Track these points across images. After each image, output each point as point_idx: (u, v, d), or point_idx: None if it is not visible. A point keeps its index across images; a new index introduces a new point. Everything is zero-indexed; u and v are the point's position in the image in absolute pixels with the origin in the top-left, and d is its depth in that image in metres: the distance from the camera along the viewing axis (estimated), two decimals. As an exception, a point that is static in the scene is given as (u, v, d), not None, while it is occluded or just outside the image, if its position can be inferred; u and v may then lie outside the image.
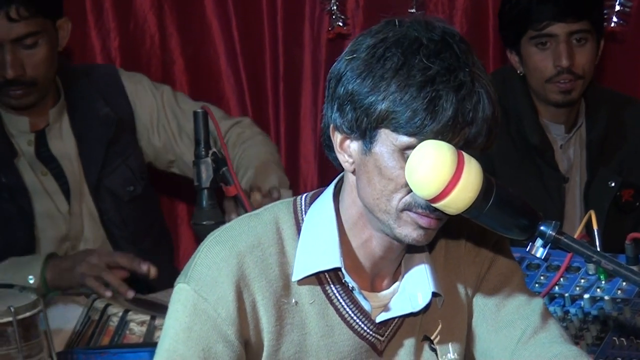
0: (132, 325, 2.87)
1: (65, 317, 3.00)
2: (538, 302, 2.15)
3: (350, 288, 2.05)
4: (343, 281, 2.05)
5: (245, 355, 2.03)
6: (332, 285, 2.05)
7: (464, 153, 1.93)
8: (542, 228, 1.96)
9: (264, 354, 2.04)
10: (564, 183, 3.56)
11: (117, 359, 2.61)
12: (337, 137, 2.01)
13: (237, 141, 3.57)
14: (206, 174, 2.77)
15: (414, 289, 2.07)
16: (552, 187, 3.52)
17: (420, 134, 1.91)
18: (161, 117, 3.57)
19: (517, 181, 3.40)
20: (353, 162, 2.00)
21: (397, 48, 1.93)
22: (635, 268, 2.55)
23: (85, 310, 2.97)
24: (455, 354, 2.12)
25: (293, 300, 2.04)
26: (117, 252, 3.30)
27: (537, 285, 2.70)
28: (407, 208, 1.96)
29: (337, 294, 2.06)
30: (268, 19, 4.05)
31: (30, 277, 3.18)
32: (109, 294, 3.04)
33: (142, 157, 3.57)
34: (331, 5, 3.97)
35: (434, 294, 2.07)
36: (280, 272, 2.03)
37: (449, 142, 1.91)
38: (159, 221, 3.70)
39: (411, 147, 1.92)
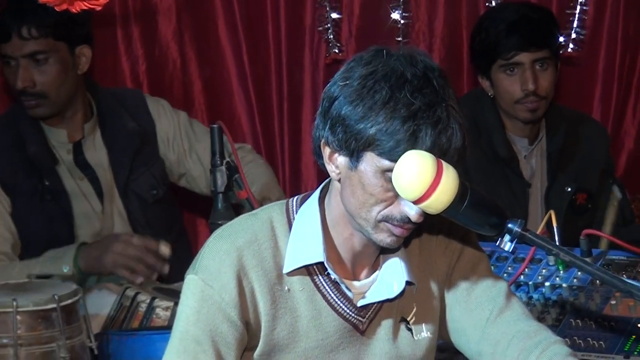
0: (158, 310, 2.86)
1: (101, 304, 2.98)
2: (502, 285, 2.16)
3: (333, 279, 2.06)
4: (327, 273, 2.06)
5: (247, 334, 2.05)
6: (319, 276, 2.07)
7: (442, 161, 1.94)
8: (509, 225, 1.97)
9: (262, 333, 2.05)
10: (528, 188, 3.56)
11: (145, 339, 2.60)
12: (326, 150, 2.02)
13: (240, 162, 3.58)
14: (221, 180, 2.78)
15: (391, 278, 2.09)
16: (517, 191, 3.53)
17: None
18: (176, 136, 3.56)
19: (488, 186, 3.40)
20: (339, 173, 2.02)
21: (385, 82, 1.94)
22: (588, 260, 2.57)
23: (118, 297, 2.96)
24: (428, 333, 2.14)
25: (286, 288, 2.06)
26: (136, 235, 3.27)
27: (505, 274, 2.71)
28: (384, 219, 1.99)
29: (323, 283, 2.07)
30: (274, 47, 4.04)
31: (65, 267, 3.18)
32: (139, 280, 3.05)
33: (163, 166, 3.56)
34: (328, 35, 3.98)
35: (408, 283, 2.09)
36: (274, 263, 2.05)
37: None
38: (178, 221, 3.69)
39: (391, 170, 1.93)
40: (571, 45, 4.04)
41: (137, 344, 2.60)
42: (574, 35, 4.02)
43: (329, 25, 3.98)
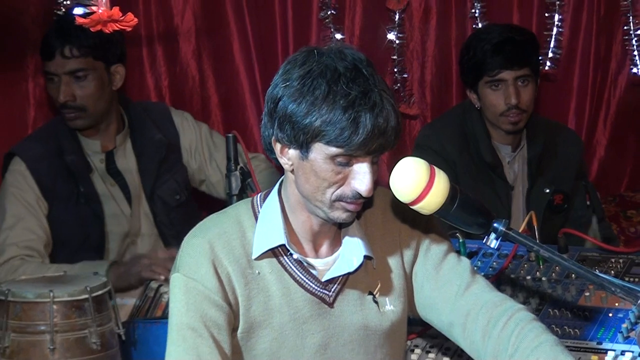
0: (178, 300, 2.86)
1: (128, 295, 3.00)
2: (466, 262, 2.18)
3: (296, 258, 2.09)
4: (290, 253, 2.09)
5: (232, 314, 2.07)
6: (284, 257, 2.10)
7: (435, 167, 1.94)
8: (495, 225, 1.97)
9: (240, 313, 2.07)
10: (511, 190, 3.55)
11: (167, 327, 2.60)
12: (277, 146, 2.05)
13: (255, 170, 3.58)
14: (235, 184, 2.78)
15: (351, 254, 2.11)
16: (501, 193, 3.52)
17: (347, 146, 1.96)
18: (198, 146, 3.56)
19: (475, 189, 3.41)
20: (292, 165, 2.04)
21: (322, 78, 1.96)
22: (565, 256, 2.56)
23: (143, 289, 2.97)
24: (392, 306, 2.15)
25: (257, 271, 2.08)
26: (160, 250, 3.28)
27: (490, 269, 2.70)
28: (338, 199, 2.01)
29: (289, 263, 2.10)
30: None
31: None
32: (162, 277, 3.04)
33: (185, 173, 3.56)
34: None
35: (367, 257, 2.11)
36: (243, 251, 2.08)
37: (368, 149, 1.96)
38: (197, 223, 3.67)
39: (340, 155, 1.97)
40: (548, 63, 4.05)
41: (160, 330, 2.59)
42: (551, 55, 4.03)
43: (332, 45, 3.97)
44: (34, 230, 3.30)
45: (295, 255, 2.08)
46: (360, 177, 1.99)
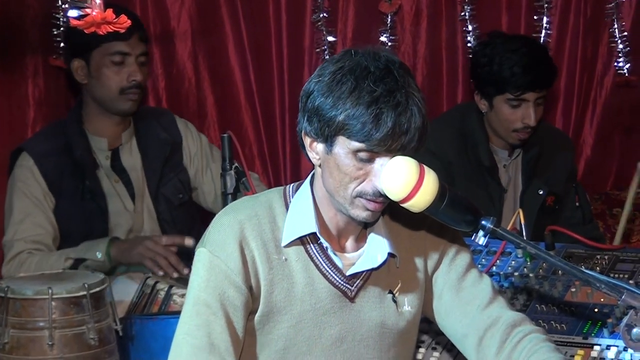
0: (175, 297, 2.86)
1: (125, 291, 2.97)
2: (488, 278, 2.19)
3: (325, 247, 2.08)
4: (319, 242, 2.08)
5: (251, 299, 2.06)
6: (312, 245, 2.09)
7: (424, 166, 1.95)
8: (483, 222, 1.97)
9: (261, 296, 2.06)
10: (504, 193, 3.54)
11: (164, 323, 2.59)
12: (307, 140, 2.05)
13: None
14: (230, 183, 2.78)
15: (375, 251, 2.10)
16: (494, 196, 3.51)
17: (368, 141, 1.96)
18: (197, 154, 3.56)
19: (469, 190, 3.39)
20: (319, 159, 2.04)
21: (351, 74, 1.97)
22: (552, 252, 2.57)
23: (140, 286, 2.95)
24: (409, 307, 2.15)
25: (283, 258, 2.08)
26: (164, 235, 3.31)
27: (479, 265, 2.69)
28: (359, 195, 2.00)
29: (316, 253, 2.09)
30: (277, 66, 4.04)
31: (98, 252, 3.19)
32: (160, 272, 3.05)
33: (187, 174, 3.57)
34: (324, 55, 3.98)
35: (390, 255, 2.10)
36: (272, 236, 2.07)
37: (389, 146, 1.95)
38: (198, 222, 3.66)
39: (361, 150, 1.96)
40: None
41: (156, 326, 2.60)
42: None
43: (325, 47, 3.98)
44: (42, 225, 3.30)
45: (324, 244, 2.08)
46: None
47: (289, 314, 2.07)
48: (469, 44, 4.01)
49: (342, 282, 2.09)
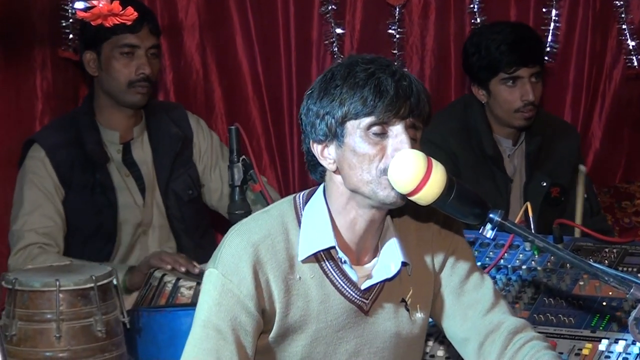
0: (182, 289, 2.85)
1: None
2: (489, 282, 2.16)
3: (342, 262, 2.04)
4: (336, 258, 2.04)
5: (262, 322, 2.02)
6: (326, 262, 2.04)
7: (432, 159, 1.93)
8: (490, 215, 1.96)
9: (276, 319, 2.02)
10: (510, 183, 3.53)
11: (171, 315, 2.59)
12: (317, 149, 2.02)
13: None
14: (238, 175, 2.76)
15: (388, 260, 2.07)
16: (501, 186, 3.51)
17: (375, 112, 1.94)
18: (207, 151, 3.55)
19: (476, 181, 3.40)
20: (334, 162, 2.01)
21: (341, 68, 1.98)
22: (560, 246, 2.56)
23: (147, 278, 2.95)
24: (422, 314, 2.13)
25: (298, 276, 2.03)
26: (176, 253, 3.26)
27: (487, 259, 2.70)
28: (383, 172, 1.96)
29: (331, 269, 2.05)
30: (285, 58, 4.04)
31: (114, 280, 3.16)
32: (169, 266, 3.00)
33: (197, 170, 3.55)
34: (332, 48, 3.97)
35: (403, 263, 2.07)
36: (286, 255, 2.02)
37: (397, 112, 1.94)
38: (206, 218, 3.64)
39: (372, 124, 1.95)
40: (546, 58, 4.03)
41: (164, 319, 2.59)
42: (548, 49, 4.01)
43: (333, 39, 3.97)
44: (52, 217, 3.29)
45: (343, 258, 2.03)
46: (398, 140, 1.95)
47: (304, 332, 2.04)
48: (477, 37, 3.99)
49: (357, 297, 2.06)
